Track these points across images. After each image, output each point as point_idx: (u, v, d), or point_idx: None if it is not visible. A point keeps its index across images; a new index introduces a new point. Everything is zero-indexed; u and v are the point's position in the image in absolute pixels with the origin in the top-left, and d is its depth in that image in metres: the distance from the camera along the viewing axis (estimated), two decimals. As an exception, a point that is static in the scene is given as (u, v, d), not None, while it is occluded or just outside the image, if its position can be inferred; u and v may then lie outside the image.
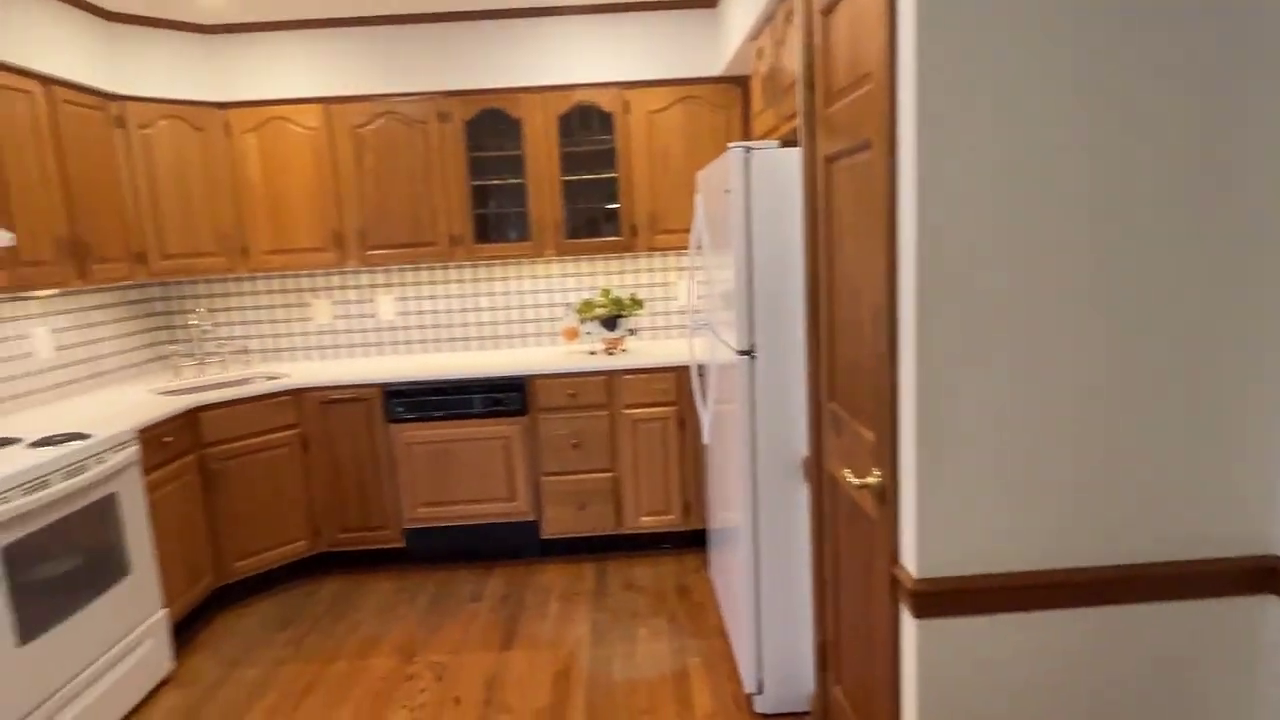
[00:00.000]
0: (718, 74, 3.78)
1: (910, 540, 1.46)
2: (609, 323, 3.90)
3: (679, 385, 3.65)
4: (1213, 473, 1.43)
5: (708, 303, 3.04)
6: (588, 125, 3.87)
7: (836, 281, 1.86)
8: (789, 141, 2.42)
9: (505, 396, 3.64)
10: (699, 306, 4.01)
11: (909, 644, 1.48)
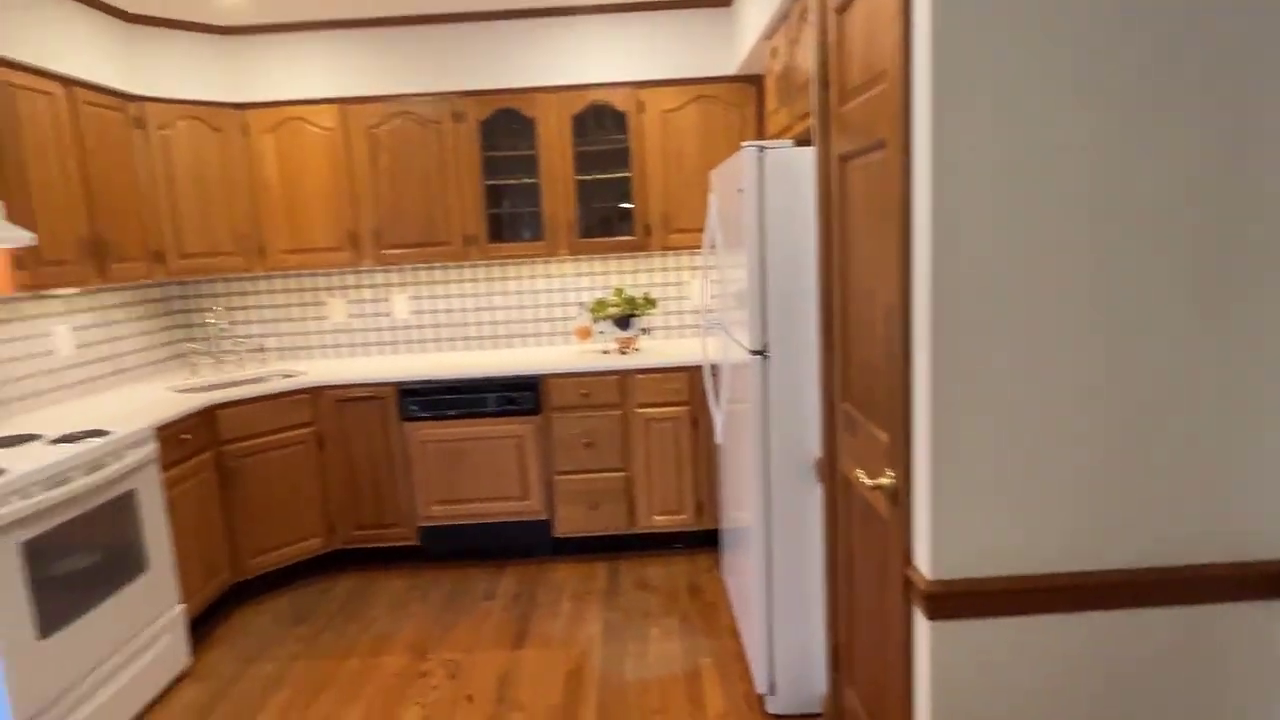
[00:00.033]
0: (732, 73, 3.77)
1: (924, 542, 1.45)
2: (622, 322, 3.90)
3: (692, 385, 3.65)
4: (1230, 475, 1.41)
5: (721, 302, 3.04)
6: (602, 125, 3.88)
7: (850, 281, 1.85)
8: (803, 141, 2.41)
9: (518, 395, 3.65)
10: (712, 306, 4.00)
11: (922, 646, 1.47)
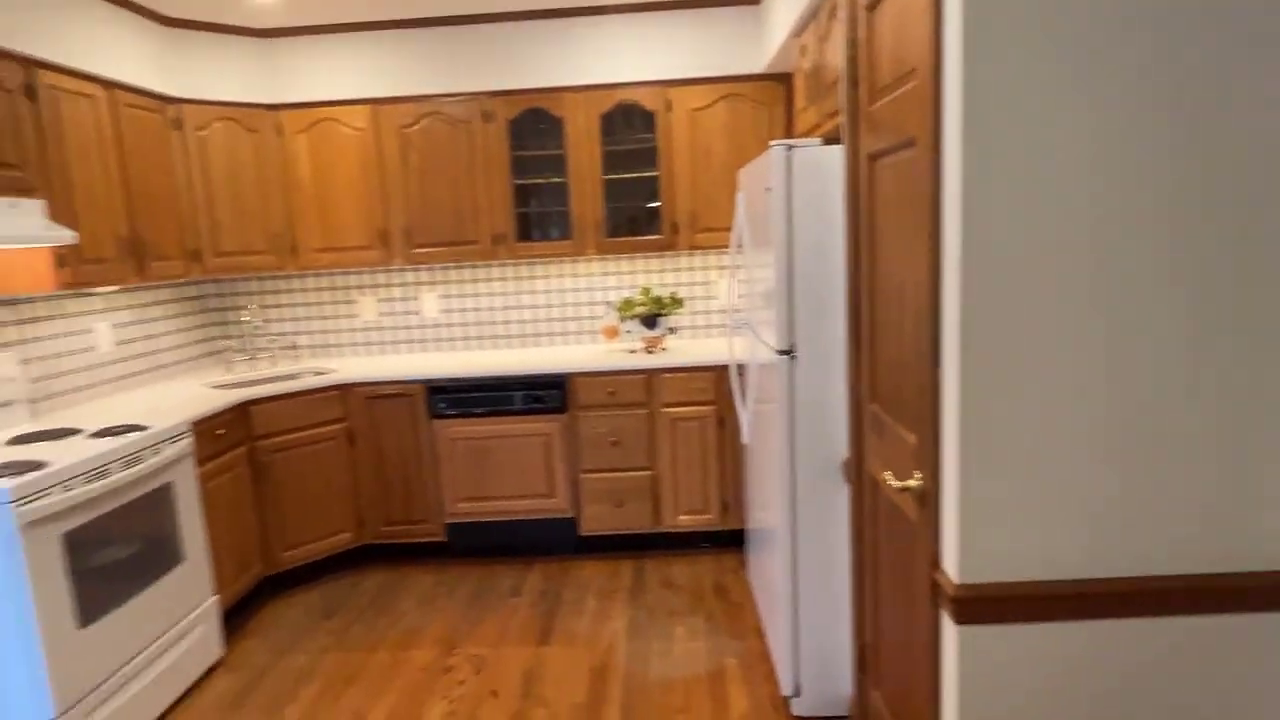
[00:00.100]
0: (760, 71, 3.75)
1: (952, 545, 1.43)
2: (649, 321, 3.90)
3: (718, 384, 3.64)
4: (1273, 481, 1.37)
5: (748, 302, 3.02)
6: (629, 124, 3.88)
7: (878, 281, 1.83)
8: (832, 139, 2.39)
9: (546, 394, 3.67)
10: (739, 305, 3.99)
11: (949, 650, 1.46)
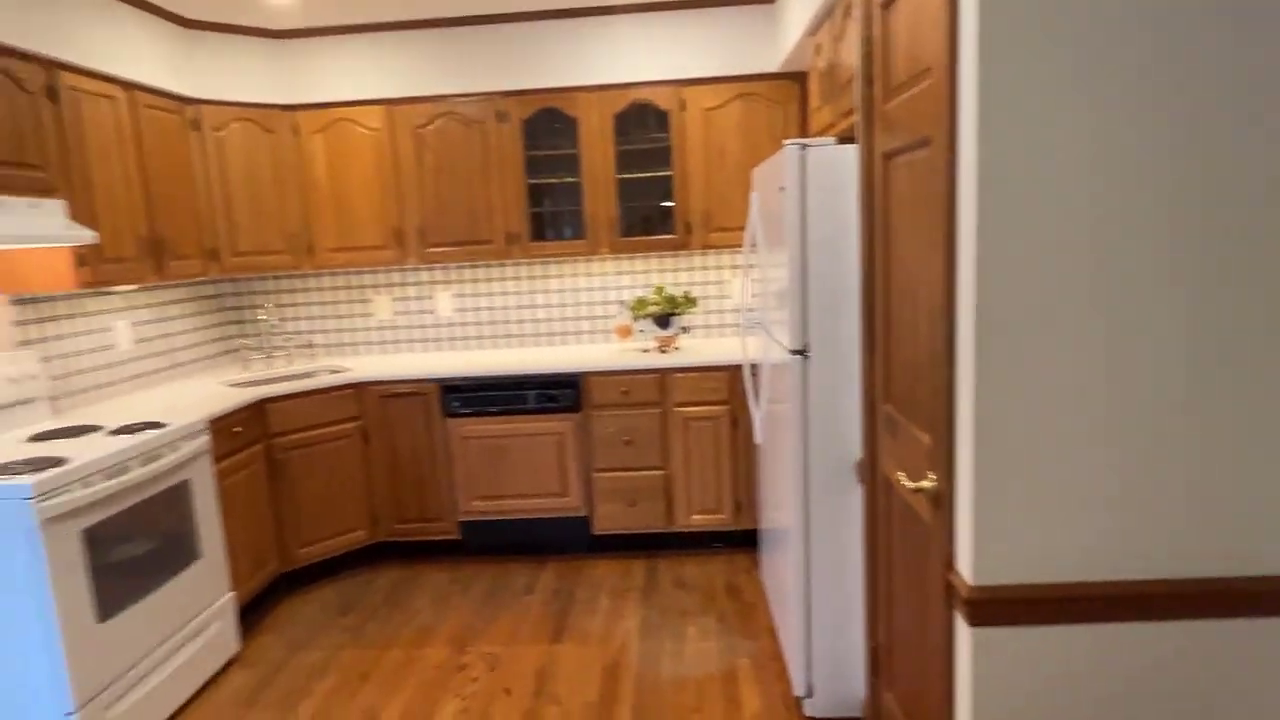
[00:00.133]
0: (775, 70, 3.74)
1: (966, 546, 1.42)
2: (662, 320, 3.90)
3: (731, 384, 3.63)
4: (1294, 484, 1.35)
5: (761, 301, 3.02)
6: (643, 123, 3.88)
7: (893, 280, 1.82)
8: (846, 138, 2.38)
9: (559, 393, 3.68)
10: (752, 305, 3.98)
11: (963, 653, 1.45)
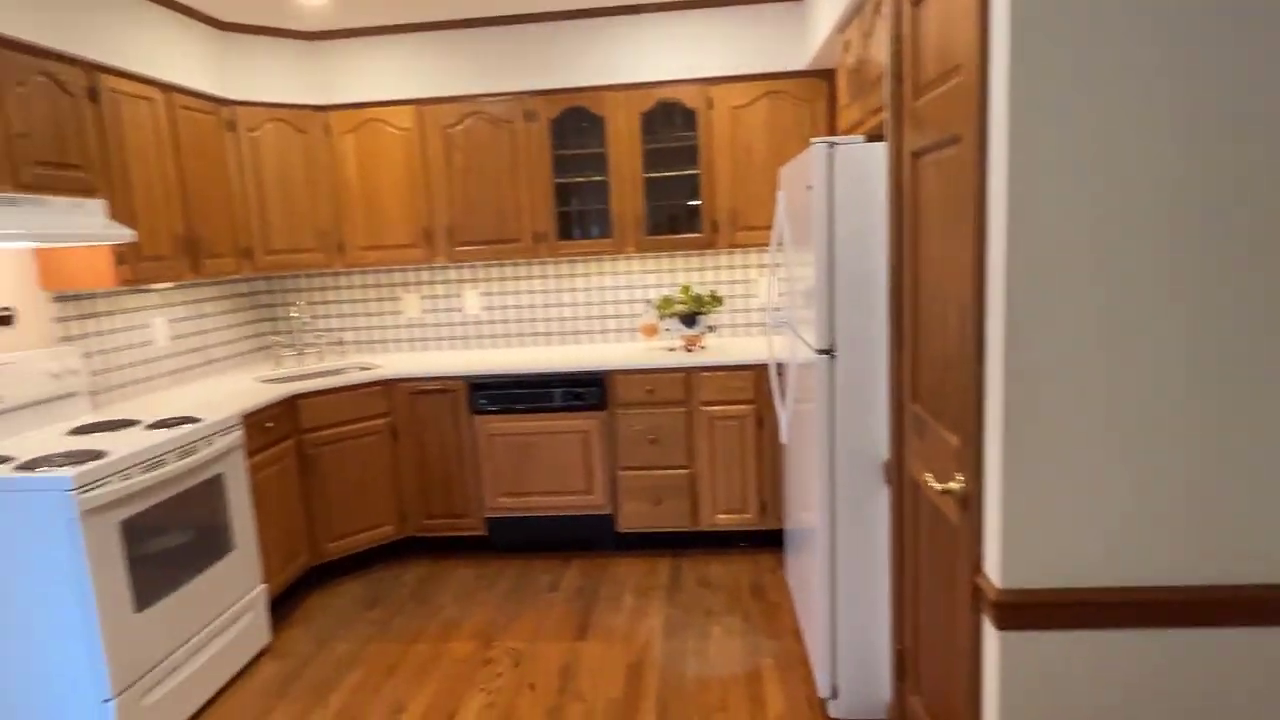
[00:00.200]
0: (803, 68, 3.71)
1: (994, 549, 1.40)
2: (688, 319, 3.90)
3: (757, 383, 3.62)
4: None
5: (788, 300, 3.00)
6: (670, 122, 3.88)
7: (921, 280, 1.80)
8: (875, 136, 2.36)
9: (585, 391, 3.69)
10: (779, 304, 3.96)
11: (991, 657, 1.43)
